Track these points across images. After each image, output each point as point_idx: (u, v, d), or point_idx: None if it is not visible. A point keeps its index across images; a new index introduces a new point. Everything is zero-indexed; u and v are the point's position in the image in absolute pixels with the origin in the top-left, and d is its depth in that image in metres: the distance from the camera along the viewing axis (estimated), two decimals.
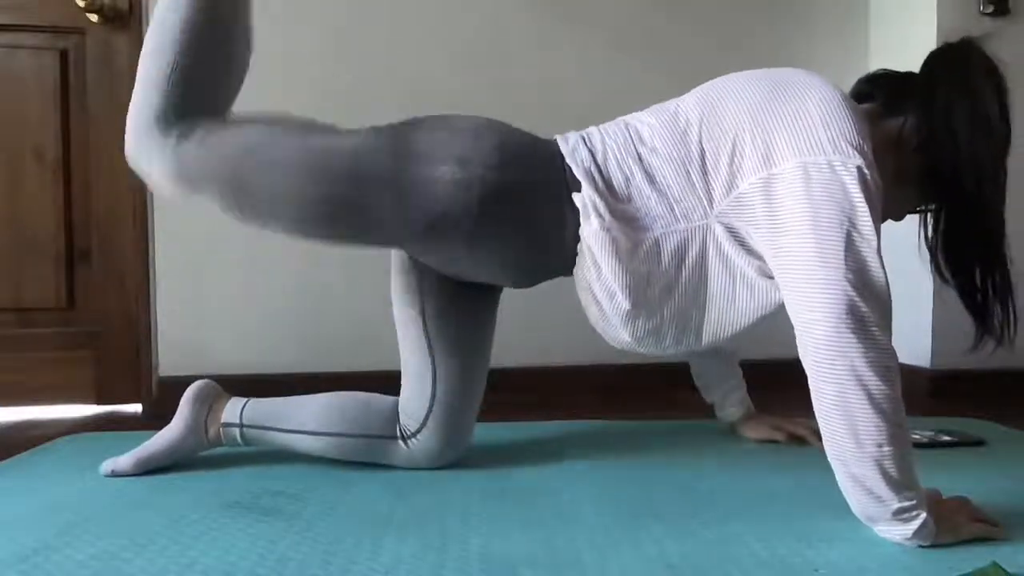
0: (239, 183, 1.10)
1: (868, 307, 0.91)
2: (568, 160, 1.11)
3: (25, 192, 2.01)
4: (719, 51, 2.22)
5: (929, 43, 2.05)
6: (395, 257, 1.30)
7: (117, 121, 2.05)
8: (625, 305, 1.09)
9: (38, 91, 2.01)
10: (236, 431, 1.28)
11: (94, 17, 1.99)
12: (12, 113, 2.00)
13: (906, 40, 2.17)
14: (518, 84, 2.16)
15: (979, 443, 1.47)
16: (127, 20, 2.03)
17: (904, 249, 1.13)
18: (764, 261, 1.05)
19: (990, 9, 2.06)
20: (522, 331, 2.09)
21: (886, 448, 0.90)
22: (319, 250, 2.10)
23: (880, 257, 0.94)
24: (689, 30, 2.24)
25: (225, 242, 2.07)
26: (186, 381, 1.35)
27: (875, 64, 2.28)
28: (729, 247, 1.07)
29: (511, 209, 1.10)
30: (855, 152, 0.96)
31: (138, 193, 2.05)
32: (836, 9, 2.31)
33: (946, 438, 1.47)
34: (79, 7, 1.96)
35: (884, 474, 0.90)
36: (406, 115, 1.20)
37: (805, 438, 1.44)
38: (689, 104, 1.12)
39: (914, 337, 2.09)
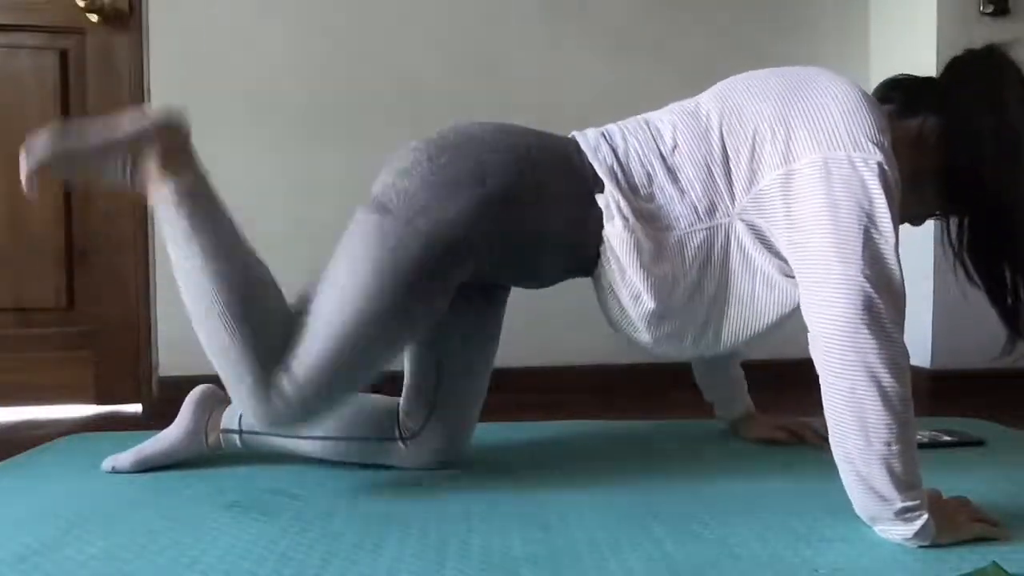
0: (341, 381, 1.08)
1: (884, 303, 0.92)
2: (590, 158, 1.11)
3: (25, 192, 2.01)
4: (719, 51, 2.22)
5: (929, 43, 2.06)
6: None
7: None
8: (650, 306, 1.08)
9: (38, 91, 2.01)
10: (235, 437, 1.28)
11: (94, 17, 1.99)
12: (12, 113, 2.00)
13: (906, 40, 2.17)
14: (518, 84, 2.16)
15: (979, 443, 1.47)
16: (127, 20, 2.03)
17: (905, 249, 1.13)
18: (784, 260, 1.04)
19: (990, 9, 2.06)
20: (522, 331, 2.09)
21: (895, 447, 0.90)
22: (319, 250, 2.11)
23: (897, 254, 0.94)
24: (689, 30, 2.24)
25: None
26: (186, 381, 1.35)
27: (875, 64, 2.28)
28: (750, 245, 1.06)
29: (534, 212, 1.10)
30: (875, 148, 0.96)
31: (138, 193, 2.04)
32: (836, 9, 2.31)
33: (946, 438, 1.47)
34: (79, 7, 1.96)
35: (891, 473, 0.90)
36: (405, 116, 1.20)
37: (805, 438, 1.44)
38: (709, 101, 1.12)
39: (914, 337, 2.08)
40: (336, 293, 1.08)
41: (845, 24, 2.31)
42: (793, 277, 1.04)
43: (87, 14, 1.98)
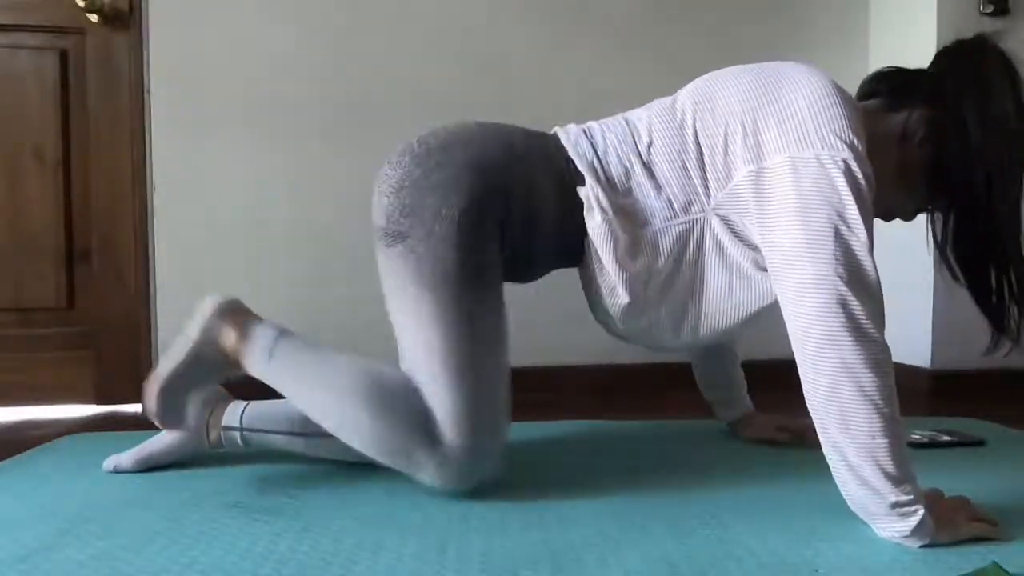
0: (485, 405, 1.09)
1: (859, 301, 0.92)
2: (571, 153, 1.12)
3: (25, 192, 2.02)
4: (718, 51, 2.22)
5: (929, 43, 2.06)
6: None
7: (117, 121, 2.07)
8: (624, 300, 1.09)
9: (38, 91, 2.01)
10: (236, 435, 1.28)
11: (94, 17, 1.99)
12: (12, 113, 2.00)
13: (906, 40, 2.17)
14: (518, 84, 2.16)
15: (979, 443, 1.47)
16: (127, 20, 2.03)
17: (904, 249, 1.13)
18: (760, 253, 1.05)
19: (990, 9, 2.06)
20: (522, 331, 2.09)
21: (879, 440, 0.90)
22: (319, 251, 2.11)
23: (871, 252, 0.94)
24: (689, 30, 2.24)
25: (225, 242, 2.07)
26: None
27: (875, 64, 2.28)
28: (726, 239, 1.07)
29: (524, 204, 1.11)
30: (843, 145, 0.96)
31: (138, 193, 2.05)
32: (836, 9, 2.31)
33: (946, 438, 1.47)
34: (79, 7, 1.96)
35: (879, 466, 0.90)
36: (406, 116, 1.20)
37: (805, 438, 1.44)
38: (684, 98, 1.13)
39: (914, 337, 2.09)
40: (421, 341, 1.08)
41: (845, 24, 2.31)
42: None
43: (87, 14, 1.98)
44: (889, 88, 1.14)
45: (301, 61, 2.11)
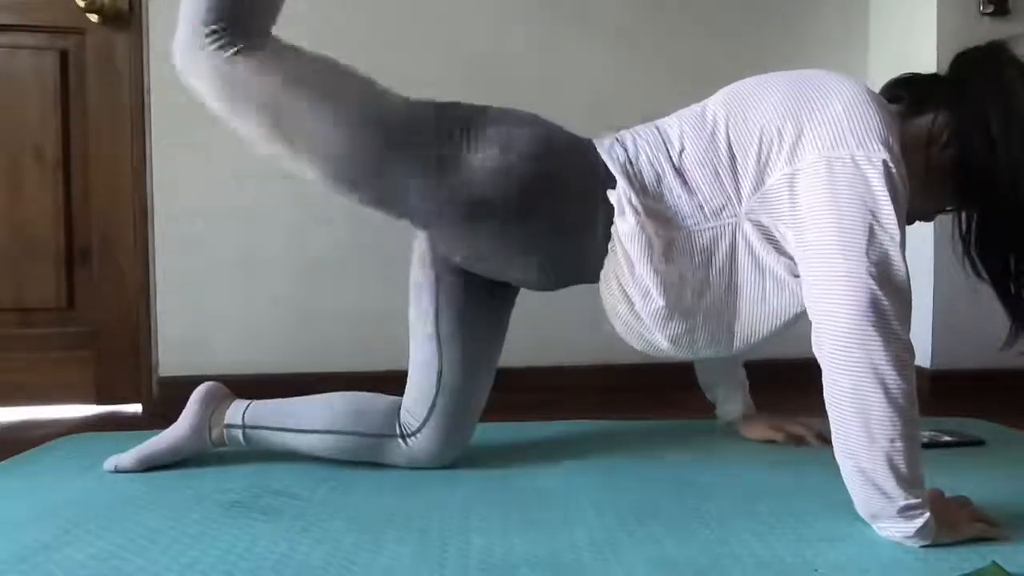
0: (282, 110, 1.09)
1: (889, 301, 0.92)
2: (604, 156, 1.13)
3: (25, 192, 2.01)
4: (719, 52, 2.21)
5: (929, 43, 2.06)
6: (415, 256, 1.30)
7: (117, 121, 2.07)
8: (659, 303, 1.09)
9: (38, 91, 2.01)
10: (239, 432, 1.28)
11: (94, 17, 1.99)
12: (12, 113, 2.00)
13: (906, 40, 2.17)
14: (518, 84, 2.15)
15: (979, 443, 1.47)
16: (127, 20, 2.03)
17: (904, 248, 1.13)
18: (792, 259, 1.05)
19: (990, 9, 2.06)
20: (523, 331, 2.09)
21: (898, 443, 0.90)
22: (320, 250, 2.11)
23: (903, 252, 0.95)
24: (689, 31, 2.23)
25: (225, 242, 2.07)
26: (186, 381, 1.35)
27: (875, 65, 2.28)
28: (758, 244, 1.07)
29: (546, 201, 1.11)
30: (881, 147, 0.97)
31: (138, 193, 2.05)
32: (836, 10, 2.31)
33: (946, 438, 1.47)
34: (79, 7, 1.96)
35: (894, 470, 0.90)
36: None
37: (804, 438, 1.44)
38: (716, 105, 1.13)
39: (914, 337, 2.08)
40: (345, 72, 1.17)
41: (845, 24, 2.31)
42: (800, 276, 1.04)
43: (87, 14, 1.98)
44: (912, 93, 1.14)
45: None
